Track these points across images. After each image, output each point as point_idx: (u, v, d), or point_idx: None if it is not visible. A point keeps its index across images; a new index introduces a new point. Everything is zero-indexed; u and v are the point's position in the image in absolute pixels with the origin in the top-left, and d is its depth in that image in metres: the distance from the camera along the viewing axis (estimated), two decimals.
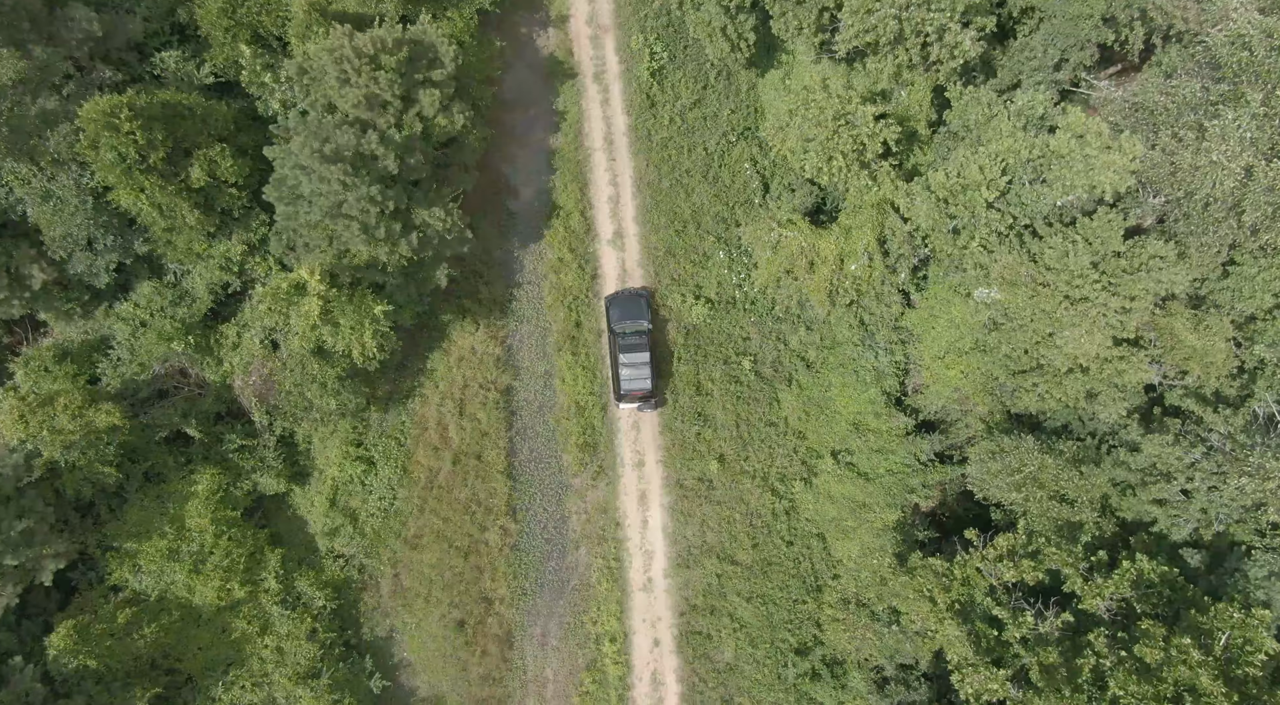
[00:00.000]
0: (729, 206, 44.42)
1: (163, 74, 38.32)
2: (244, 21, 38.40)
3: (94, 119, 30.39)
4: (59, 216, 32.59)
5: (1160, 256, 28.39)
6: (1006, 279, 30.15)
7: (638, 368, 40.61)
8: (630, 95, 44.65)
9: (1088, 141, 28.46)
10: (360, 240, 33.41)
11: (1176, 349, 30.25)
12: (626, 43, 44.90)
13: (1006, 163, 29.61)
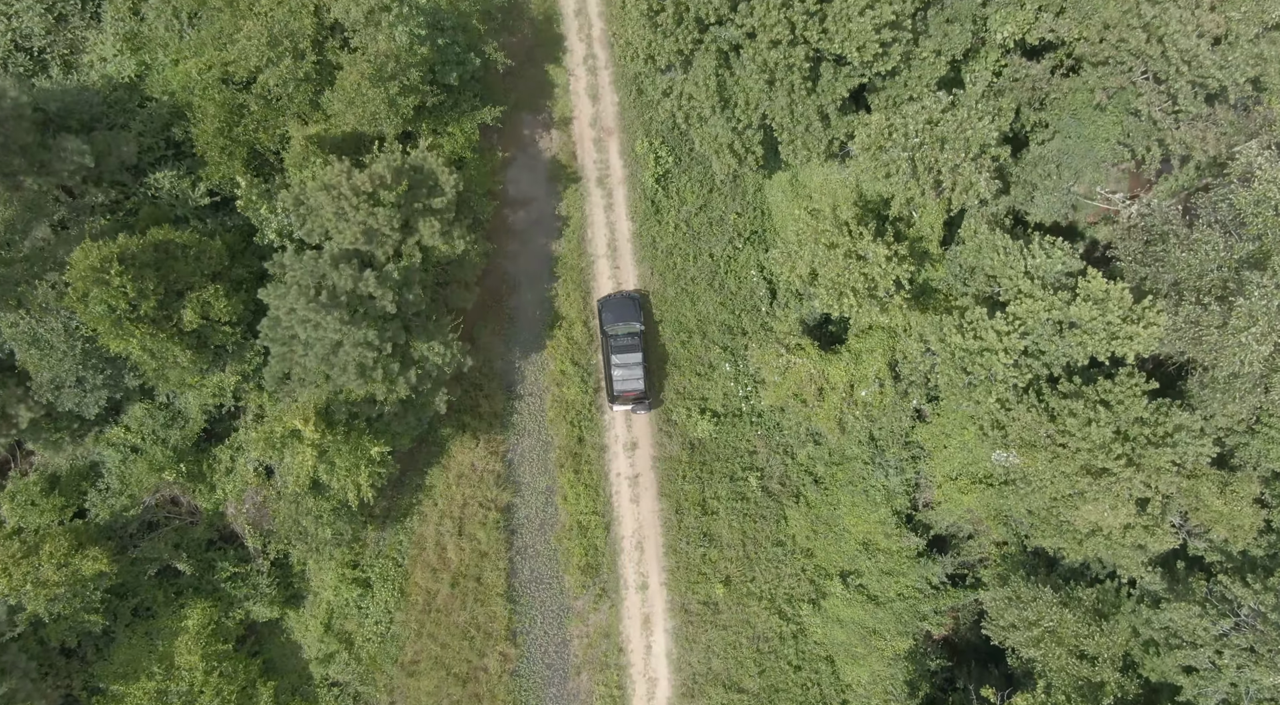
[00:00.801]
0: (735, 314, 43.42)
1: (157, 195, 37.46)
2: (240, 139, 37.57)
3: (83, 275, 29.49)
4: (47, 361, 31.68)
5: (1186, 428, 27.39)
6: (1025, 440, 29.14)
7: (630, 368, 40.07)
8: (634, 201, 43.74)
9: (1109, 308, 27.46)
10: (356, 382, 32.42)
11: (1201, 509, 29.22)
12: (631, 146, 44.02)
13: (1026, 325, 28.63)
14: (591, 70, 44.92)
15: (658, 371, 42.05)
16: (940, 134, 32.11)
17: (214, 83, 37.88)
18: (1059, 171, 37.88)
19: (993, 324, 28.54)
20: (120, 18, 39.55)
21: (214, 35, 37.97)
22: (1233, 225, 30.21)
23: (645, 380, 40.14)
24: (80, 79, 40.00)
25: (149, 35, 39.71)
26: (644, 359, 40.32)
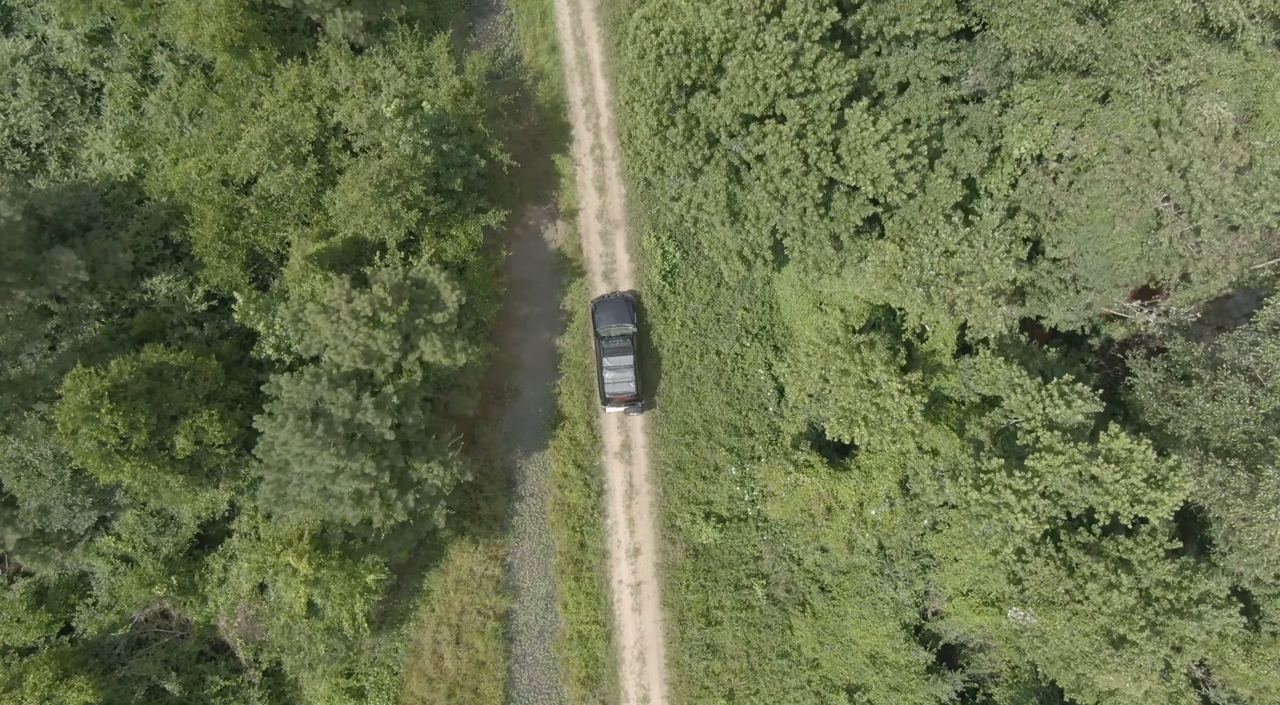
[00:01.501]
0: (742, 414, 42.46)
1: (153, 300, 36.66)
2: (239, 243, 36.81)
3: (72, 413, 28.68)
4: (34, 488, 30.90)
5: (1212, 597, 26.42)
6: (1043, 597, 28.15)
7: (621, 371, 39.93)
8: (641, 297, 42.82)
9: (1132, 469, 26.50)
10: (352, 511, 31.52)
11: (1225, 667, 28.20)
12: (638, 240, 43.17)
13: (1046, 483, 27.69)
14: (599, 161, 44.13)
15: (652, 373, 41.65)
16: (956, 265, 31.23)
17: (213, 184, 37.17)
18: (1075, 287, 36.99)
19: (1011, 483, 27.60)
20: (120, 112, 38.85)
21: (214, 135, 37.26)
22: (1261, 375, 29.31)
23: (637, 382, 39.95)
24: (78, 173, 39.33)
25: (149, 130, 39.01)
26: (636, 361, 40.14)
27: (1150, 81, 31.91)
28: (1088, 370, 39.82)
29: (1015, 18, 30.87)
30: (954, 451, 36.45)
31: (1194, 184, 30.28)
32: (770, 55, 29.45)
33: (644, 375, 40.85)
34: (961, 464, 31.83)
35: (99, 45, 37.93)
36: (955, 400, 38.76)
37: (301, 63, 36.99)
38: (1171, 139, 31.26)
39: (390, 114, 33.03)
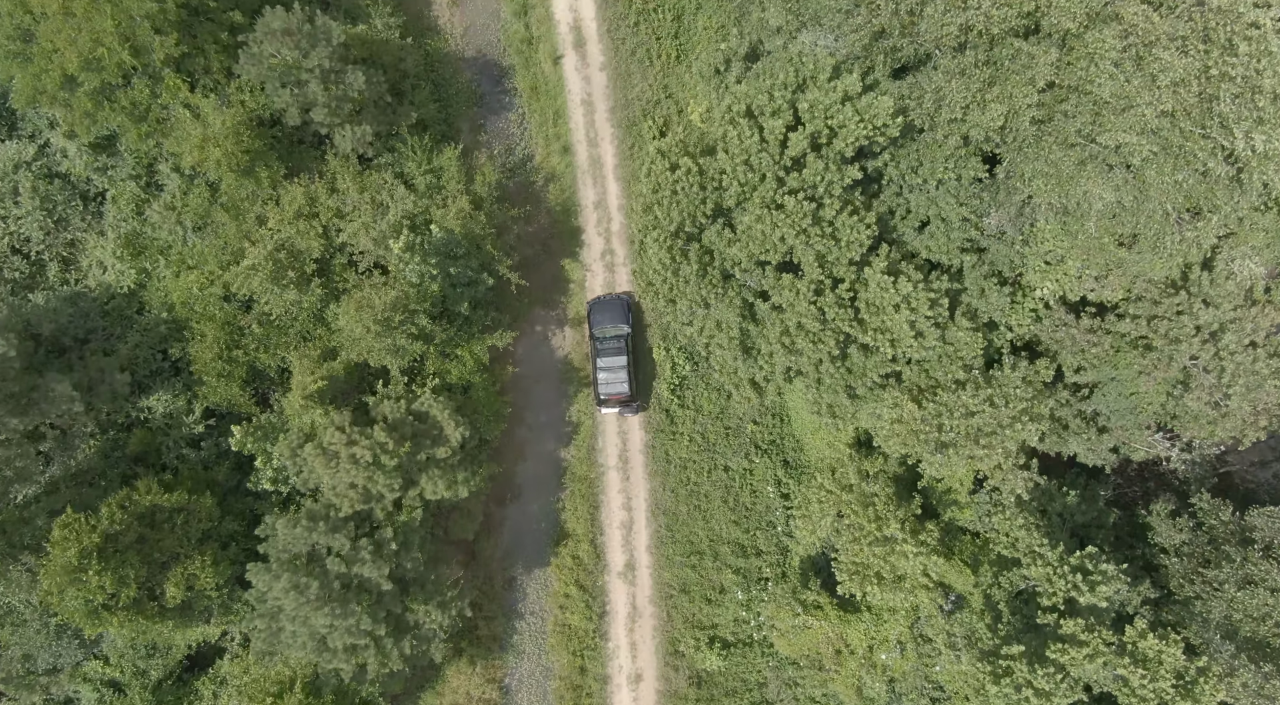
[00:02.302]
0: (749, 533, 41.41)
1: (150, 418, 35.80)
2: (240, 361, 35.97)
3: (59, 572, 27.80)
4: (19, 635, 30.00)
5: None
6: None
7: (615, 372, 39.79)
8: (648, 412, 41.87)
9: (1161, 674, 25.39)
10: (346, 663, 30.52)
11: None
12: (648, 349, 42.22)
13: (1070, 675, 26.56)
14: (609, 267, 43.27)
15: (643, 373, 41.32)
16: (977, 426, 30.22)
17: (214, 299, 36.37)
18: (1095, 425, 35.96)
19: (1033, 679, 26.51)
20: (123, 218, 38.08)
21: (218, 249, 36.47)
22: None
23: (630, 383, 39.79)
24: (78, 279, 38.58)
25: (151, 237, 38.24)
26: (630, 362, 39.89)
27: (1180, 235, 30.92)
28: (1107, 504, 38.76)
29: (1041, 172, 29.94)
30: (968, 588, 35.41)
31: (1225, 355, 29.28)
32: (790, 214, 28.57)
33: (638, 376, 40.65)
34: (978, 633, 30.73)
35: (103, 154, 37.24)
36: (970, 533, 37.74)
37: (308, 179, 36.18)
38: (1201, 303, 30.28)
39: (399, 250, 32.23)
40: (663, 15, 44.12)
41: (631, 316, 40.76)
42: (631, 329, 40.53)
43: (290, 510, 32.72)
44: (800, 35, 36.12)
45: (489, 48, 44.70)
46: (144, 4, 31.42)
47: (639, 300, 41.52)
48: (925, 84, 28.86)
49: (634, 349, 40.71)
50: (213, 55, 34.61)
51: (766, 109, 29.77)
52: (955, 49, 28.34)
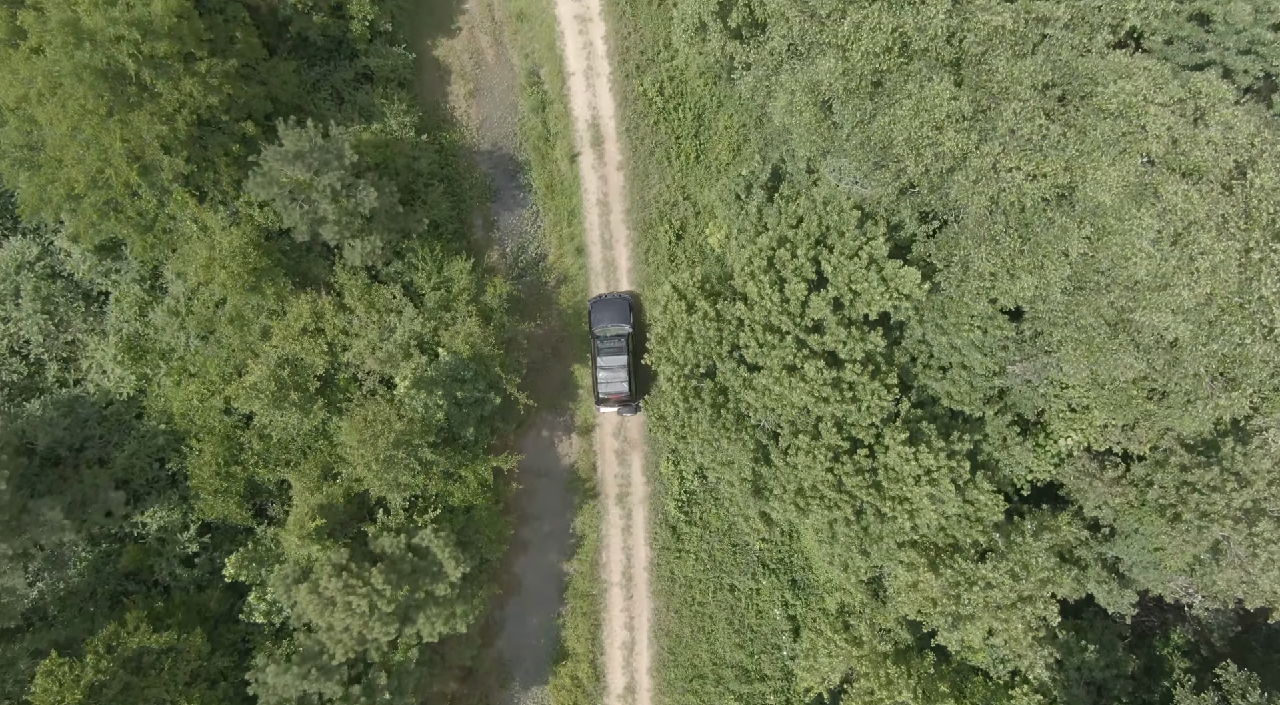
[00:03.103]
0: (754, 656, 40.31)
1: (144, 534, 34.94)
2: (238, 476, 35.10)
3: None
4: None
5: None
6: None
7: (615, 371, 39.53)
8: (654, 527, 40.89)
9: None
10: None
11: None
12: (655, 464, 41.26)
13: None
14: None
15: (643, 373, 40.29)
16: (996, 599, 29.15)
17: (214, 412, 35.52)
18: (1116, 575, 34.86)
19: None
20: (125, 319, 37.29)
21: (220, 360, 35.64)
22: None
23: (630, 383, 39.47)
24: (77, 380, 37.78)
25: (153, 339, 37.44)
26: (630, 362, 39.54)
27: (1213, 405, 29.83)
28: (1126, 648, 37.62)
29: (1071, 337, 28.91)
30: None
31: (1260, 541, 28.17)
32: (810, 382, 27.61)
33: (638, 376, 40.17)
34: None
35: (108, 257, 36.49)
36: (982, 672, 36.60)
37: (315, 293, 35.35)
38: (1234, 479, 29.17)
39: (405, 388, 31.38)
40: (683, 114, 43.34)
41: (633, 316, 40.43)
42: (633, 328, 40.18)
43: (283, 643, 31.78)
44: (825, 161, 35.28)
45: (505, 141, 43.96)
46: (154, 126, 30.66)
47: (641, 299, 41.19)
48: (953, 248, 27.90)
49: (635, 348, 40.15)
50: (223, 168, 33.87)
51: (788, 265, 28.83)
52: (986, 211, 27.37)
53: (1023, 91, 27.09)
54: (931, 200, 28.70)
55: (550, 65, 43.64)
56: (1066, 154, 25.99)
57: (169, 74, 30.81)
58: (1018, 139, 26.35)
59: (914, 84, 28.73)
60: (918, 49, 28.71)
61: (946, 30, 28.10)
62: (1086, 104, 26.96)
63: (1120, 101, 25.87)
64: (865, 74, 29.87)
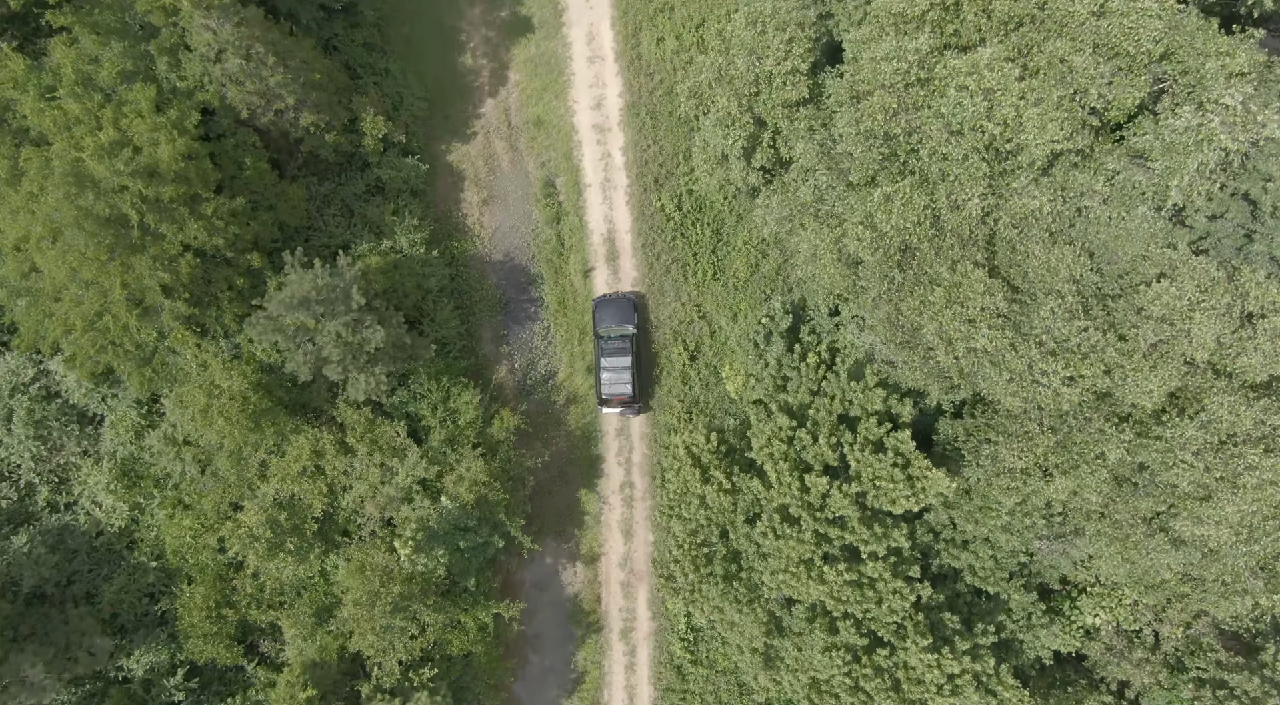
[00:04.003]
0: None
1: (129, 678, 33.72)
2: (230, 618, 33.88)
3: None
4: None
5: None
6: None
7: (619, 373, 39.13)
8: (658, 666, 39.53)
9: None
10: None
11: None
12: (661, 600, 39.88)
13: None
14: (627, 501, 41.08)
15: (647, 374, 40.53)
16: None
17: (207, 550, 34.34)
18: None
19: None
20: (121, 443, 36.19)
21: (216, 495, 34.48)
22: None
23: (633, 385, 39.09)
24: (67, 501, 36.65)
25: (148, 464, 36.33)
26: (634, 363, 39.17)
27: (1251, 599, 28.39)
28: None
29: (1105, 533, 27.54)
30: None
31: None
32: (829, 583, 26.28)
33: (642, 377, 39.82)
34: None
35: (104, 383, 35.45)
36: None
37: (316, 432, 34.19)
38: (1274, 688, 27.70)
39: (406, 553, 30.20)
40: (701, 230, 42.27)
41: (637, 316, 39.86)
42: (637, 329, 39.65)
43: None
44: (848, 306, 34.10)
45: (517, 252, 42.94)
46: (156, 272, 29.63)
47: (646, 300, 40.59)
48: (982, 439, 26.61)
49: (639, 349, 39.84)
50: (226, 304, 32.83)
51: (809, 450, 27.55)
52: (1021, 410, 26.09)
53: (1059, 283, 25.85)
54: (963, 386, 27.43)
55: (567, 175, 42.69)
56: (1106, 357, 24.70)
57: (173, 217, 29.82)
58: (1054, 338, 25.09)
59: (945, 264, 27.56)
60: (950, 226, 27.55)
61: (981, 210, 26.92)
62: (1127, 301, 25.70)
63: (1164, 304, 24.61)
64: (894, 243, 28.73)
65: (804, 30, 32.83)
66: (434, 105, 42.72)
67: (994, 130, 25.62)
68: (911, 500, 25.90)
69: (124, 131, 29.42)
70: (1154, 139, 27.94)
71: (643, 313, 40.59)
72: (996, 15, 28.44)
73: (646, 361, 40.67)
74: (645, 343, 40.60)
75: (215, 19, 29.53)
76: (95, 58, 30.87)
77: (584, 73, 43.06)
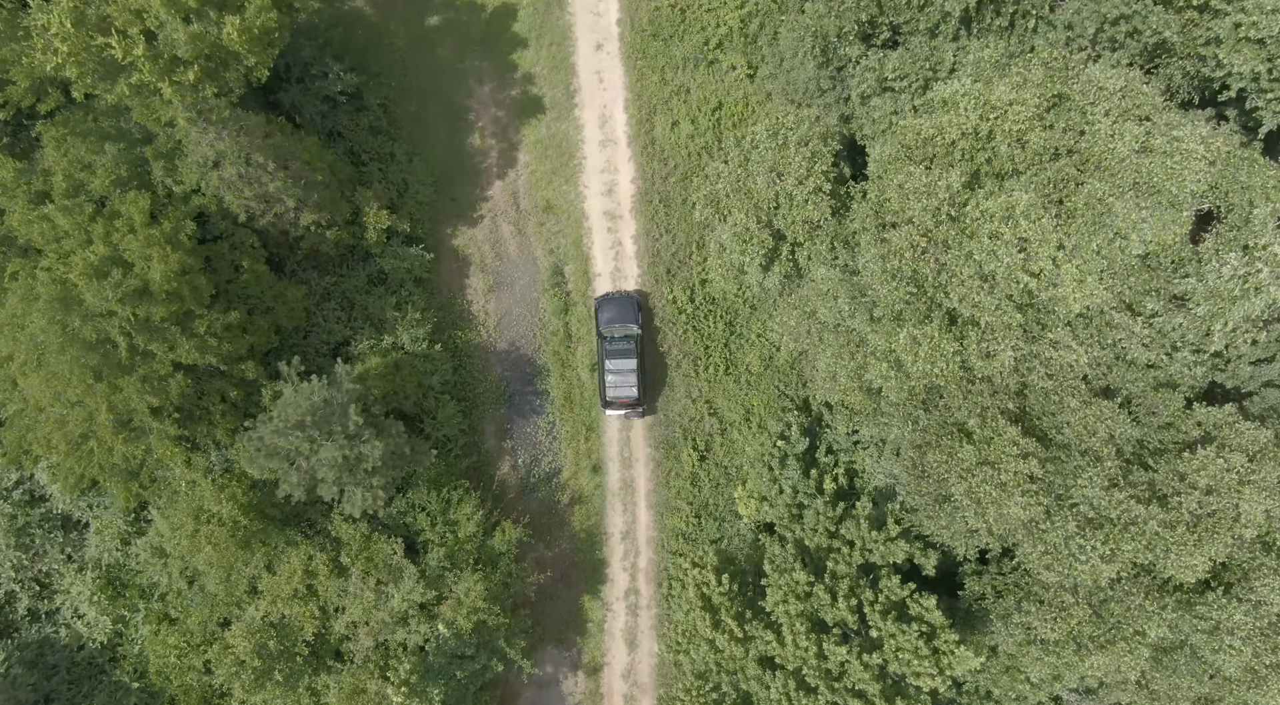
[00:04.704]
0: None
1: None
2: None
3: None
4: None
5: None
6: None
7: (623, 375, 38.05)
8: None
9: None
10: None
11: None
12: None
13: None
14: (632, 609, 39.54)
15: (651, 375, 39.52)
16: None
17: (193, 672, 32.86)
18: None
19: None
20: (106, 549, 34.78)
21: (203, 613, 33.02)
22: None
23: (639, 387, 38.12)
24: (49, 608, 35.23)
25: (134, 571, 34.91)
26: (639, 365, 38.27)
27: None
28: None
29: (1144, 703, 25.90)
30: None
31: None
32: None
33: (647, 379, 38.81)
34: None
35: (91, 490, 34.09)
36: None
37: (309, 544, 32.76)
38: None
39: (399, 701, 28.70)
40: (714, 323, 40.91)
41: (641, 316, 38.73)
42: (642, 330, 38.61)
43: None
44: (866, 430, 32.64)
45: (523, 342, 41.58)
46: (146, 396, 28.26)
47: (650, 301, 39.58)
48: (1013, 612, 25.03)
49: (643, 350, 38.81)
50: (218, 418, 31.46)
51: (827, 612, 26.01)
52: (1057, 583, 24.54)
53: (1097, 443, 24.33)
54: (993, 543, 25.90)
55: (576, 264, 41.38)
56: (1148, 531, 23.15)
57: (164, 337, 28.47)
58: (1094, 508, 23.55)
59: (974, 413, 26.07)
60: (981, 373, 26.07)
61: (1014, 360, 25.44)
62: (1169, 465, 24.16)
63: (1209, 475, 23.07)
64: (920, 384, 27.28)
65: (826, 144, 31.52)
66: (441, 187, 41.52)
67: (1029, 282, 24.17)
68: (937, 679, 24.27)
69: (115, 246, 28.13)
70: (1197, 282, 26.48)
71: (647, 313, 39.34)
72: (1031, 147, 27.08)
73: (651, 362, 39.47)
74: (650, 342, 39.38)
75: (213, 133, 28.26)
76: (88, 164, 29.62)
77: (596, 157, 41.81)
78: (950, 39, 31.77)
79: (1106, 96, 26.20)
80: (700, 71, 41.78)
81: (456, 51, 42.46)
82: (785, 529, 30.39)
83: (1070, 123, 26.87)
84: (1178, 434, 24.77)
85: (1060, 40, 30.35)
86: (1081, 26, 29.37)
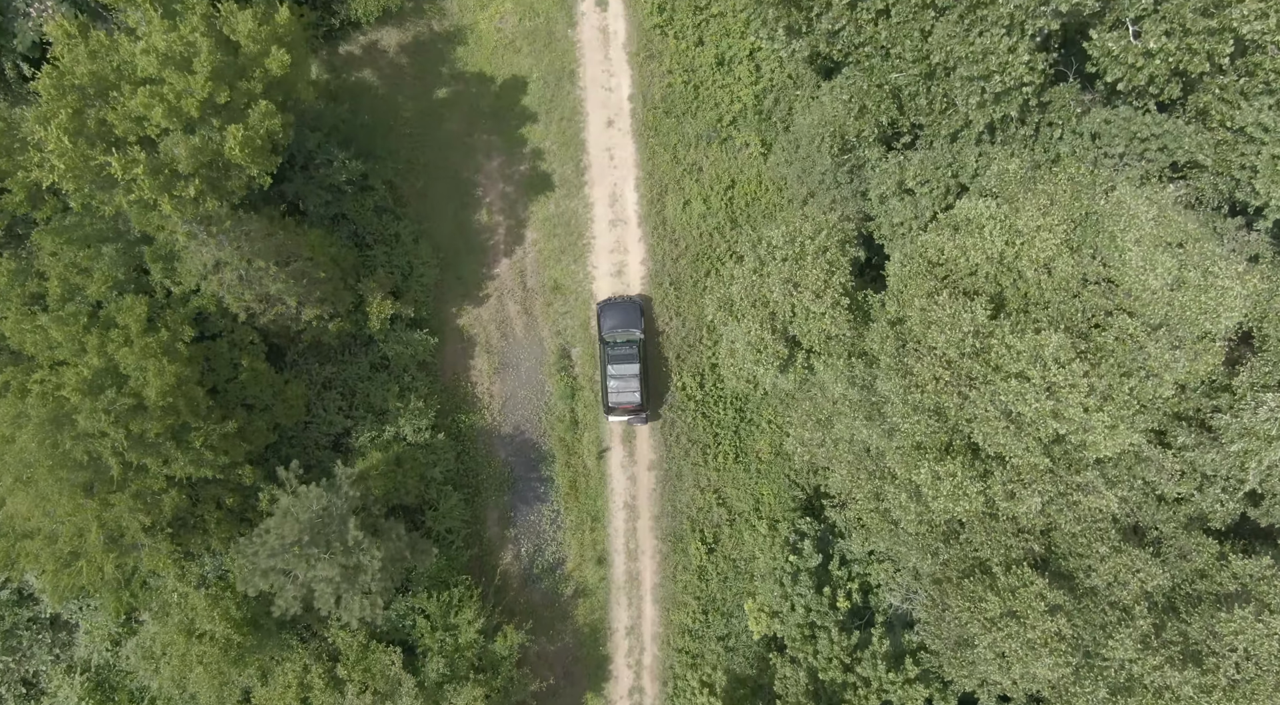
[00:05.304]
0: None
1: None
2: None
3: None
4: None
5: None
6: None
7: (626, 380, 37.42)
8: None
9: None
10: None
11: None
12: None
13: None
14: None
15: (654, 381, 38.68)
16: None
17: None
18: None
19: None
20: (95, 649, 33.75)
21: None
22: None
23: (642, 392, 37.45)
24: None
25: (124, 672, 33.90)
26: (642, 370, 37.63)
27: None
28: None
29: None
30: None
31: None
32: None
33: (650, 384, 37.99)
34: None
35: (80, 595, 33.09)
36: None
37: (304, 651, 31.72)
38: None
39: None
40: (723, 409, 39.91)
41: (644, 321, 38.10)
42: (644, 335, 38.02)
43: None
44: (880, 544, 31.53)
45: (528, 426, 40.56)
46: (137, 515, 27.30)
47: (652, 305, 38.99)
48: None
49: (646, 354, 38.20)
50: (213, 527, 30.48)
51: None
52: None
53: (1128, 597, 23.28)
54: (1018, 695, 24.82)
55: (584, 347, 40.43)
56: (1183, 697, 22.09)
57: (158, 452, 27.53)
58: (1127, 673, 22.49)
59: (998, 556, 25.03)
60: (1006, 513, 25.05)
61: (1040, 504, 24.42)
62: (1203, 620, 23.09)
63: (1247, 640, 22.01)
64: (941, 519, 26.26)
65: (845, 253, 30.61)
66: (446, 266, 40.60)
67: (1058, 427, 23.18)
68: None
69: (110, 357, 27.21)
70: (1231, 419, 25.46)
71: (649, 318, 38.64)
72: (1058, 274, 26.14)
73: (654, 366, 38.76)
74: (652, 347, 38.72)
75: (213, 244, 27.40)
76: (85, 268, 28.76)
77: (605, 236, 40.93)
78: (973, 143, 30.91)
79: (1139, 225, 25.25)
80: (713, 149, 40.92)
81: (465, 124, 41.63)
82: (797, 651, 29.34)
83: (1099, 245, 25.95)
84: (1213, 584, 23.72)
85: (1087, 148, 29.46)
86: (1110, 140, 28.48)
